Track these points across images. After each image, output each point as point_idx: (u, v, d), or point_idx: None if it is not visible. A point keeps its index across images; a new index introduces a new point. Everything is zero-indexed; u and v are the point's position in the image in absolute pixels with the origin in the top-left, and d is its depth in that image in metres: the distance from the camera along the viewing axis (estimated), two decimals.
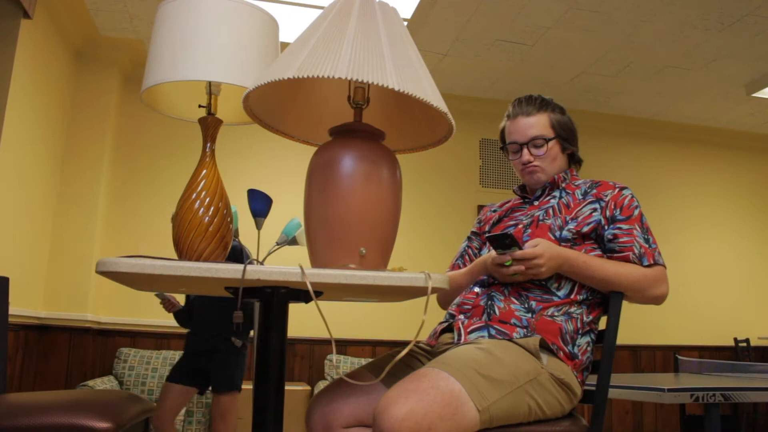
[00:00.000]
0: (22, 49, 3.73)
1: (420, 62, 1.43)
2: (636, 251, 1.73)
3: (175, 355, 4.68)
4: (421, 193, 5.64)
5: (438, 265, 5.25)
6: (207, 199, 1.53)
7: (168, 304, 3.56)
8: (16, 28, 3.66)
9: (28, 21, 3.73)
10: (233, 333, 3.43)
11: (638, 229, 1.76)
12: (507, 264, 1.65)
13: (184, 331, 3.63)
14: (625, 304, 1.74)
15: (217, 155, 1.63)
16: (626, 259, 1.73)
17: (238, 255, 3.41)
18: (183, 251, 1.53)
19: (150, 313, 4.87)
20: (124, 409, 1.69)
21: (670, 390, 2.36)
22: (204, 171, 1.57)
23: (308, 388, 4.63)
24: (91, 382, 4.07)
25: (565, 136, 1.89)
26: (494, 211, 2.02)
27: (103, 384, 4.25)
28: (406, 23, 4.46)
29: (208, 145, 1.62)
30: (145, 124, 5.17)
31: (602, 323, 1.75)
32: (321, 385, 4.76)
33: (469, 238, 2.05)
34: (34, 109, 4.05)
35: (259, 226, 1.80)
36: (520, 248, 1.64)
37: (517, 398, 1.44)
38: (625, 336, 5.32)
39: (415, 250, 5.44)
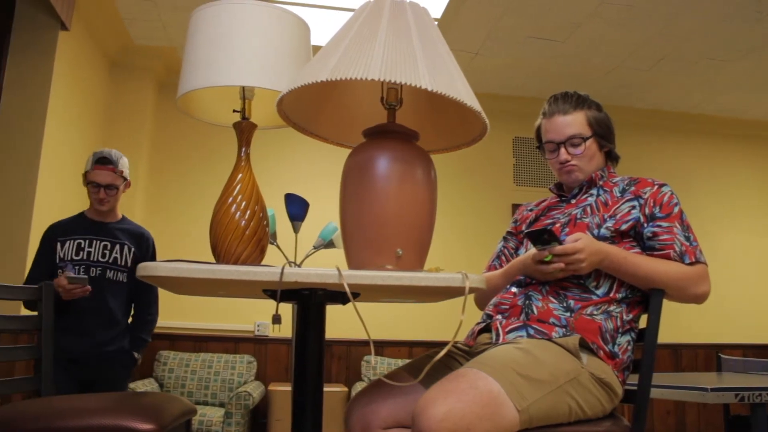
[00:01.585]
0: (60, 60, 3.82)
1: (452, 62, 1.42)
2: (677, 249, 1.70)
3: (214, 357, 4.74)
4: (456, 193, 5.62)
5: (473, 264, 5.22)
6: (243, 203, 1.55)
7: (75, 292, 2.66)
8: (54, 40, 3.76)
9: (65, 33, 3.82)
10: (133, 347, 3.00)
11: (678, 226, 1.73)
12: (546, 260, 1.63)
13: (225, 333, 3.59)
14: (664, 302, 1.71)
15: (252, 159, 1.64)
16: (667, 257, 1.70)
17: (143, 243, 3.03)
18: (220, 255, 1.54)
19: (188, 316, 4.94)
20: (166, 411, 1.71)
21: (713, 389, 2.31)
22: (240, 175, 1.59)
23: (345, 389, 4.64)
24: (132, 385, 4.13)
25: (603, 133, 1.86)
26: (530, 210, 2.00)
27: (144, 386, 4.32)
28: (436, 23, 4.45)
29: (243, 149, 1.64)
30: (180, 129, 5.25)
31: (642, 322, 1.72)
32: (358, 386, 4.77)
33: (505, 239, 2.04)
34: (73, 117, 4.14)
35: (296, 230, 1.81)
36: (560, 243, 1.62)
37: (557, 398, 1.43)
38: (666, 334, 5.22)
39: (450, 250, 5.42)
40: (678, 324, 5.58)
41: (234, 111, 1.71)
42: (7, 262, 3.54)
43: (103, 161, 2.91)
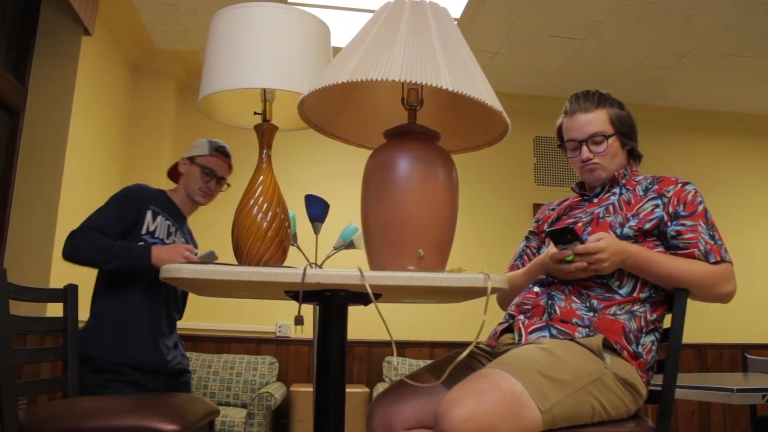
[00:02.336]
0: (83, 64, 3.87)
1: (473, 61, 1.42)
2: (701, 248, 1.68)
3: (236, 359, 4.76)
4: (476, 193, 5.61)
5: (495, 265, 5.20)
6: (265, 205, 1.55)
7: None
8: (77, 45, 3.82)
9: (88, 38, 3.88)
10: None
11: (703, 225, 1.71)
12: (568, 259, 1.62)
13: (246, 334, 3.52)
14: (688, 301, 1.69)
15: (273, 161, 1.65)
16: (691, 256, 1.68)
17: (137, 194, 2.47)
18: (243, 256, 1.55)
19: (210, 317, 4.97)
20: (190, 411, 1.73)
21: (739, 390, 2.28)
22: (261, 177, 1.60)
23: (367, 389, 4.65)
24: None
25: (625, 131, 1.85)
26: (552, 209, 1.99)
27: None
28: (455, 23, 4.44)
29: (265, 151, 1.65)
30: (201, 132, 5.26)
31: (666, 322, 1.71)
32: (380, 386, 4.77)
33: (527, 238, 2.03)
34: (96, 120, 4.19)
35: (316, 231, 1.82)
36: (582, 243, 1.61)
37: (580, 399, 1.42)
38: (690, 334, 5.15)
39: (472, 251, 5.41)
40: (702, 323, 5.51)
41: (255, 113, 1.73)
42: (32, 263, 3.58)
43: (222, 151, 2.66)
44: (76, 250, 2.26)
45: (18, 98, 3.56)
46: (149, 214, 2.43)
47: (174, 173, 2.71)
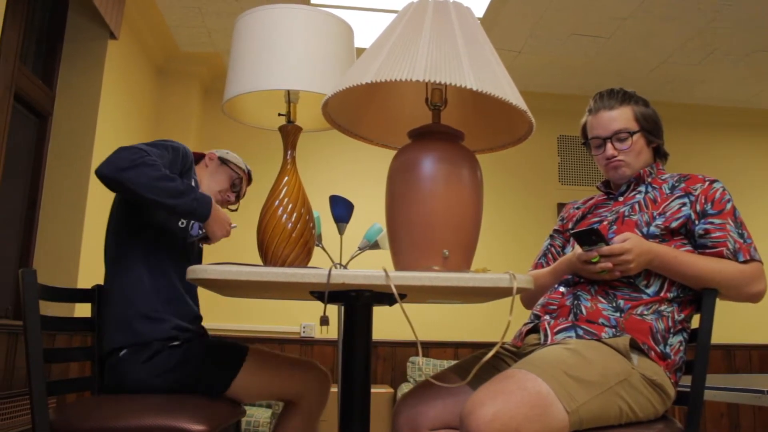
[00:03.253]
0: (109, 68, 3.93)
1: (497, 61, 1.41)
2: (730, 247, 1.65)
3: None
4: (500, 192, 5.58)
5: (519, 264, 5.18)
6: (290, 206, 1.56)
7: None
8: (103, 49, 3.87)
9: (114, 41, 3.93)
10: None
11: (731, 223, 1.68)
12: (594, 261, 1.60)
13: (271, 334, 3.52)
14: (716, 301, 1.66)
15: (297, 162, 1.65)
16: (720, 255, 1.65)
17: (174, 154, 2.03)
18: (268, 257, 1.56)
19: (234, 318, 5.01)
20: (217, 412, 1.74)
21: None
22: (286, 178, 1.61)
23: (391, 390, 4.64)
24: None
25: (650, 128, 1.83)
26: (577, 208, 1.97)
27: None
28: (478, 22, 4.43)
29: (289, 152, 1.66)
30: (225, 134, 5.32)
31: (694, 322, 1.68)
32: (404, 387, 4.77)
33: (551, 237, 2.02)
34: (122, 123, 4.24)
35: (341, 231, 1.82)
36: (607, 244, 1.59)
37: (607, 400, 1.41)
38: (718, 335, 5.09)
39: (496, 250, 5.39)
40: (731, 324, 5.43)
41: (279, 114, 1.74)
42: (60, 264, 3.64)
43: (251, 177, 2.50)
44: (131, 165, 1.76)
45: (46, 102, 3.62)
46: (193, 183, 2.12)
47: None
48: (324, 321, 1.27)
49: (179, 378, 1.90)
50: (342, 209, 1.81)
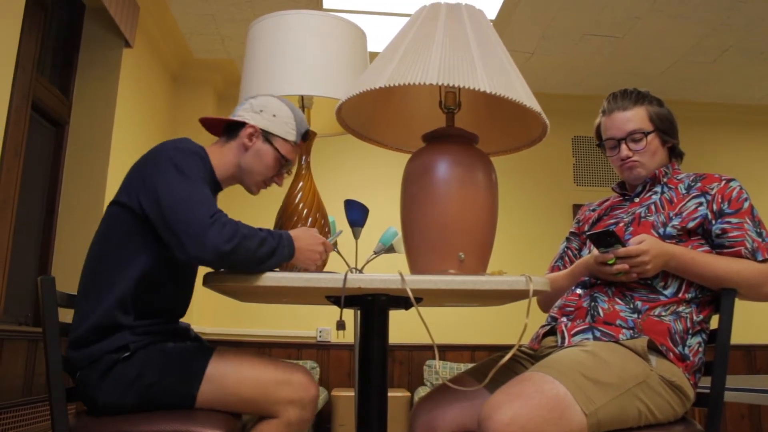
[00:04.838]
0: (124, 76, 3.97)
1: (510, 63, 1.41)
2: (748, 246, 1.64)
3: None
4: (515, 194, 5.57)
5: (535, 267, 5.15)
6: (305, 211, 1.57)
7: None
8: (119, 57, 3.92)
9: (129, 50, 3.98)
10: None
11: (749, 222, 1.66)
12: (610, 263, 1.59)
13: (287, 339, 3.56)
14: (736, 301, 1.65)
15: (312, 166, 1.66)
16: (738, 255, 1.64)
17: None
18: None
19: (251, 323, 5.03)
20: (234, 417, 1.75)
21: None
22: (301, 183, 1.61)
23: (408, 394, 4.64)
24: None
25: (665, 128, 1.81)
26: (593, 210, 1.96)
27: None
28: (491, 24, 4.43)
29: (304, 157, 1.66)
30: None
31: (713, 322, 1.67)
32: (421, 390, 4.76)
33: (567, 239, 2.01)
34: (138, 130, 4.28)
35: (356, 236, 1.83)
36: (624, 245, 1.58)
37: (625, 402, 1.40)
38: (738, 335, 5.03)
39: (512, 253, 5.37)
40: (751, 324, 5.37)
41: None
42: (79, 272, 3.65)
43: (306, 136, 1.78)
44: (236, 245, 1.36)
45: (63, 111, 3.66)
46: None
47: (213, 125, 1.99)
48: (340, 326, 1.28)
49: (143, 392, 1.66)
50: (357, 213, 1.81)
